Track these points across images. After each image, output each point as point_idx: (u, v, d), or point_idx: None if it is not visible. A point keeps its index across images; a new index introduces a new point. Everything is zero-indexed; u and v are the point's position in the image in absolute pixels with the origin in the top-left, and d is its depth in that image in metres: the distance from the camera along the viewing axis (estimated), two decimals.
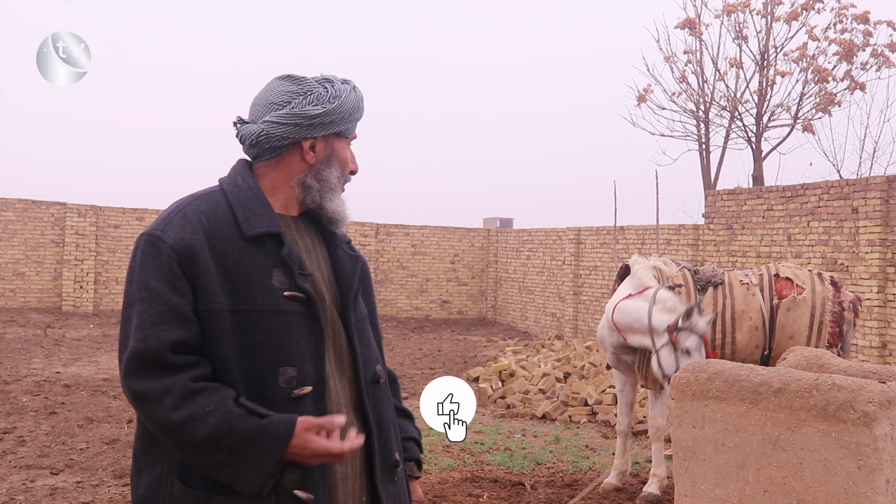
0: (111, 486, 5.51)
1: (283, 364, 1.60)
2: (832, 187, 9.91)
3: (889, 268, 9.13)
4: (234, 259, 1.61)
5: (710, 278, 5.64)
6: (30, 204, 16.41)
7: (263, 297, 1.61)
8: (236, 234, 1.63)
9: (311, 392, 1.63)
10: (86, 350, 12.23)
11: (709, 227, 11.79)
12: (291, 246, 1.67)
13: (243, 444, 1.51)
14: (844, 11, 15.66)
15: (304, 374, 1.63)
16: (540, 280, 16.82)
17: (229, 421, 1.51)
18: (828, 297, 5.49)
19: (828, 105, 15.68)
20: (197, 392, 1.52)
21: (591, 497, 5.54)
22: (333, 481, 1.67)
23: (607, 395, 8.65)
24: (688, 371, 2.68)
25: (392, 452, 1.78)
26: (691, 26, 16.34)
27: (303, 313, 1.65)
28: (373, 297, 1.94)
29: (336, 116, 1.74)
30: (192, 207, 1.66)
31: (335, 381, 1.70)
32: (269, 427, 1.52)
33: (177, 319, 1.55)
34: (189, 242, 1.59)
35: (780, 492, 2.37)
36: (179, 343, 1.55)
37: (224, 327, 1.58)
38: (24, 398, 8.34)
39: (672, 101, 16.91)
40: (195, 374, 1.55)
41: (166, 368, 1.53)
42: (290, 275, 1.64)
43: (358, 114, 1.81)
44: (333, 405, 1.68)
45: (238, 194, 1.69)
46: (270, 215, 1.67)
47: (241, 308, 1.59)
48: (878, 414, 2.19)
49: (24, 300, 16.27)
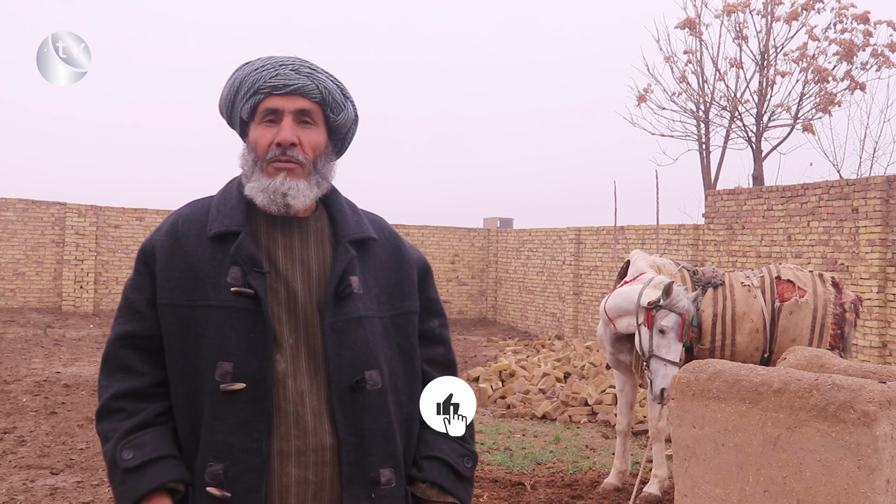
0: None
1: (220, 358, 1.61)
2: (832, 187, 9.91)
3: (889, 268, 9.13)
4: (196, 257, 1.66)
5: (710, 279, 5.62)
6: (30, 204, 16.41)
7: (215, 293, 1.63)
8: (203, 235, 1.68)
9: (249, 390, 1.59)
10: (86, 350, 12.23)
11: (709, 227, 11.79)
12: (243, 243, 1.65)
13: (113, 487, 1.62)
14: (844, 11, 15.67)
15: (241, 371, 1.60)
16: (540, 280, 16.81)
17: (108, 458, 1.62)
18: (829, 299, 5.47)
19: (828, 105, 15.68)
20: (111, 412, 1.64)
21: (591, 497, 5.54)
22: (286, 483, 1.61)
23: (607, 395, 8.65)
24: (688, 371, 2.68)
25: (373, 467, 1.65)
26: (691, 26, 16.35)
27: (250, 310, 1.62)
28: (410, 300, 1.79)
29: (224, 106, 1.76)
30: (178, 213, 1.75)
31: (299, 381, 1.64)
32: (123, 485, 1.59)
33: (131, 314, 1.68)
34: (154, 244, 1.70)
35: (780, 492, 2.37)
36: (130, 335, 1.67)
37: (172, 321, 1.64)
38: (24, 398, 8.34)
39: (672, 101, 16.93)
40: (119, 391, 1.65)
41: (108, 365, 1.68)
42: (243, 272, 1.64)
43: (246, 89, 1.70)
44: (290, 404, 1.63)
45: (220, 197, 1.74)
46: (235, 215, 1.68)
47: (191, 303, 1.64)
48: (878, 414, 2.19)
49: (24, 300, 16.27)
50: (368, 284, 1.74)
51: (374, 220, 1.85)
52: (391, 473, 1.68)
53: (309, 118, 1.71)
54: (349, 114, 1.78)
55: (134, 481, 1.56)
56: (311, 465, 1.63)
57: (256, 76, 1.69)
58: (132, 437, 1.60)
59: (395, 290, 1.78)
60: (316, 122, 1.72)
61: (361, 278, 1.72)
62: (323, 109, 1.73)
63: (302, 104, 1.70)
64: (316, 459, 1.63)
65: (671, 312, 4.88)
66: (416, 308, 1.81)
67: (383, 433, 1.68)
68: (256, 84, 1.69)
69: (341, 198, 1.82)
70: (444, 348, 1.88)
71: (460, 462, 1.77)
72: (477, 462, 1.85)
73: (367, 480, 1.65)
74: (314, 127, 1.72)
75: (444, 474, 1.74)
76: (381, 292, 1.75)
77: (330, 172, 1.76)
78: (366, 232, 1.77)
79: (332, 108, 1.74)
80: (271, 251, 1.70)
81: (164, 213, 17.45)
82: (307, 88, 1.69)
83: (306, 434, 1.62)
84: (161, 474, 1.57)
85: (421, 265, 1.87)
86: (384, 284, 1.77)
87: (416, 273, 1.83)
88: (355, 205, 1.85)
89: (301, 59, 1.74)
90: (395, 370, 1.74)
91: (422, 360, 1.83)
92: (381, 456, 1.67)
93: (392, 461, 1.69)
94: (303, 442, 1.62)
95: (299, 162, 1.68)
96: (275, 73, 1.69)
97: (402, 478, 1.71)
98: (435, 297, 1.89)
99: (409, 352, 1.78)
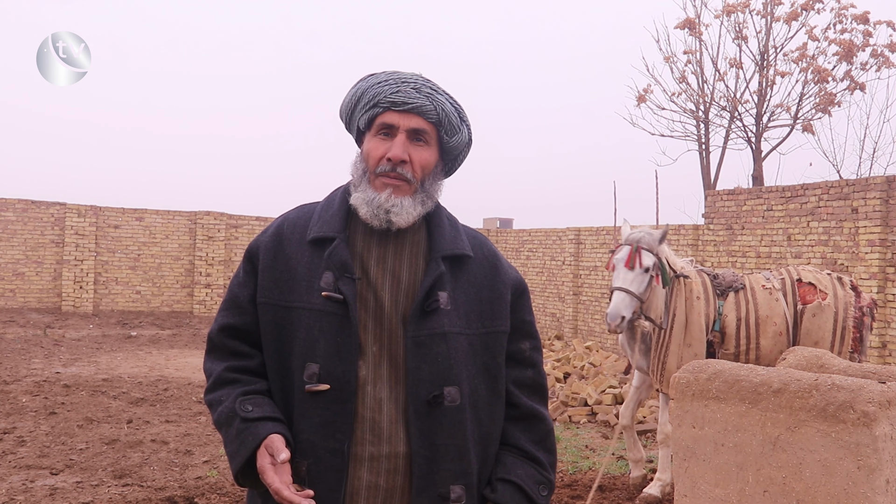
0: (111, 486, 5.51)
1: (309, 359, 1.66)
2: (832, 187, 9.91)
3: (889, 268, 9.13)
4: (295, 260, 1.73)
5: (731, 283, 5.56)
6: (30, 204, 16.41)
7: (308, 295, 1.68)
8: (304, 238, 1.75)
9: (334, 392, 1.63)
10: (86, 350, 12.22)
11: (709, 228, 11.79)
12: (337, 249, 1.70)
13: (228, 438, 1.66)
14: (844, 11, 15.67)
15: (327, 373, 1.64)
16: (540, 280, 16.81)
17: (224, 415, 1.67)
18: (850, 302, 5.45)
19: (828, 105, 15.68)
20: (227, 382, 1.72)
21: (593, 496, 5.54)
22: (357, 487, 1.65)
23: (607, 395, 8.66)
24: (688, 371, 2.68)
25: (444, 482, 1.66)
26: (691, 26, 16.35)
27: (339, 314, 1.66)
28: (500, 319, 1.78)
29: (344, 112, 1.81)
30: (286, 216, 1.83)
31: (378, 389, 1.67)
32: (244, 432, 1.63)
33: (234, 308, 1.77)
34: (259, 244, 1.78)
35: (780, 492, 2.37)
36: (231, 327, 1.76)
37: (269, 319, 1.71)
38: (24, 398, 8.34)
39: (672, 102, 16.93)
40: (233, 365, 1.73)
41: (217, 350, 1.77)
42: (335, 277, 1.69)
43: (366, 101, 1.74)
44: (367, 410, 1.66)
45: (324, 203, 1.81)
46: (335, 222, 1.74)
47: (286, 304, 1.70)
48: (877, 414, 2.19)
49: (24, 300, 16.27)
50: (458, 301, 1.74)
51: (474, 238, 1.85)
52: (462, 491, 1.68)
53: (423, 137, 1.74)
54: (463, 137, 1.80)
55: (256, 428, 1.62)
56: (382, 472, 1.65)
57: (378, 90, 1.73)
58: (251, 397, 1.68)
59: (487, 308, 1.77)
60: (429, 141, 1.75)
61: (451, 294, 1.73)
62: (438, 130, 1.76)
63: (418, 123, 1.72)
64: (388, 467, 1.65)
65: (623, 246, 5.17)
66: (506, 328, 1.80)
67: (457, 450, 1.68)
68: (377, 98, 1.73)
69: (443, 213, 1.83)
70: (533, 371, 1.85)
71: (535, 489, 1.76)
72: (553, 491, 1.82)
73: (437, 495, 1.66)
74: (427, 146, 1.75)
75: (516, 499, 1.73)
76: (471, 309, 1.75)
77: (437, 192, 1.79)
78: (461, 249, 1.77)
79: (446, 130, 1.76)
80: (364, 259, 1.73)
81: (164, 213, 17.47)
82: (425, 108, 1.72)
83: (381, 441, 1.65)
84: (280, 429, 1.62)
85: (517, 286, 1.85)
86: (475, 302, 1.76)
87: (509, 293, 1.82)
88: (457, 220, 1.86)
89: (424, 79, 1.77)
90: (478, 388, 1.73)
91: (509, 381, 1.81)
92: (453, 472, 1.67)
93: (464, 479, 1.68)
94: (377, 448, 1.65)
95: (407, 179, 1.71)
96: (396, 89, 1.72)
97: (474, 497, 1.71)
98: (529, 319, 1.87)
99: (494, 371, 1.77)
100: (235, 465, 1.63)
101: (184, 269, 17.58)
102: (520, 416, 1.81)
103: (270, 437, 1.59)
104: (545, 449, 1.82)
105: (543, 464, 1.79)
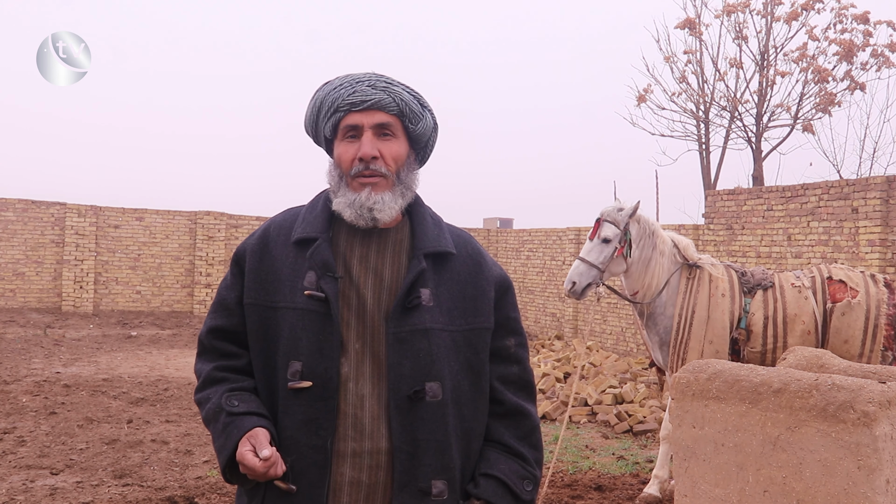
0: (111, 486, 5.51)
1: (292, 357, 1.68)
2: (832, 187, 9.91)
3: (889, 268, 9.12)
4: (280, 261, 1.76)
5: (760, 281, 5.46)
6: (30, 204, 16.41)
7: (292, 295, 1.72)
8: (289, 240, 1.78)
9: (316, 389, 1.66)
10: (86, 350, 12.23)
11: (709, 227, 11.79)
12: (319, 248, 1.73)
13: (216, 433, 1.71)
14: (844, 11, 15.66)
15: (309, 370, 1.67)
16: (540, 280, 16.81)
17: (211, 411, 1.72)
18: (882, 299, 5.29)
19: (828, 105, 15.68)
20: (215, 381, 1.76)
21: (591, 497, 5.54)
22: (339, 483, 1.67)
23: (607, 395, 8.66)
24: (688, 371, 2.68)
25: (425, 477, 1.67)
26: (691, 26, 16.34)
27: (322, 312, 1.69)
28: (483, 316, 1.78)
29: (309, 125, 1.84)
30: (273, 219, 1.86)
31: (360, 385, 1.69)
32: (229, 426, 1.67)
33: (222, 310, 1.81)
34: (246, 247, 1.82)
35: (780, 492, 2.37)
36: (219, 329, 1.80)
37: (255, 319, 1.75)
38: (24, 398, 8.34)
39: (672, 102, 16.93)
40: (222, 365, 1.78)
41: (207, 352, 1.82)
42: (318, 276, 1.71)
43: (327, 108, 1.76)
44: (349, 406, 1.68)
45: (309, 206, 1.84)
46: (318, 223, 1.77)
47: (271, 304, 1.74)
48: (878, 414, 2.19)
49: (24, 300, 16.27)
50: (441, 297, 1.75)
51: (458, 236, 1.86)
52: (443, 486, 1.69)
53: (389, 131, 1.76)
54: (428, 123, 1.83)
55: (241, 422, 1.66)
56: (364, 468, 1.68)
57: (335, 95, 1.76)
58: (237, 393, 1.73)
59: (470, 304, 1.78)
60: (396, 133, 1.77)
61: (434, 291, 1.74)
62: (402, 121, 1.78)
63: (380, 118, 1.75)
64: (370, 463, 1.67)
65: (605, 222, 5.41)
66: (490, 325, 1.80)
67: (439, 445, 1.69)
68: (336, 102, 1.76)
69: (426, 210, 1.85)
70: (519, 367, 1.86)
71: (519, 483, 1.76)
72: (538, 487, 1.82)
73: (418, 490, 1.67)
74: (394, 139, 1.77)
75: (499, 493, 1.74)
76: (454, 306, 1.76)
77: (413, 182, 1.81)
78: (443, 246, 1.79)
79: (410, 119, 1.78)
80: (347, 258, 1.76)
81: (164, 213, 17.47)
82: (384, 102, 1.74)
83: (363, 437, 1.67)
84: (264, 423, 1.66)
85: (500, 282, 1.85)
86: (458, 299, 1.77)
87: (493, 290, 1.83)
88: (440, 218, 1.87)
89: (377, 75, 1.79)
90: (460, 384, 1.74)
91: (494, 377, 1.82)
92: (434, 467, 1.68)
93: (445, 473, 1.69)
94: (359, 444, 1.67)
95: (382, 174, 1.73)
96: (352, 90, 1.75)
97: (456, 492, 1.72)
98: (513, 316, 1.87)
99: (477, 367, 1.78)
100: (223, 459, 1.66)
101: (184, 269, 17.58)
102: (504, 412, 1.82)
103: (255, 430, 1.62)
104: (530, 445, 1.82)
105: (528, 459, 1.80)
